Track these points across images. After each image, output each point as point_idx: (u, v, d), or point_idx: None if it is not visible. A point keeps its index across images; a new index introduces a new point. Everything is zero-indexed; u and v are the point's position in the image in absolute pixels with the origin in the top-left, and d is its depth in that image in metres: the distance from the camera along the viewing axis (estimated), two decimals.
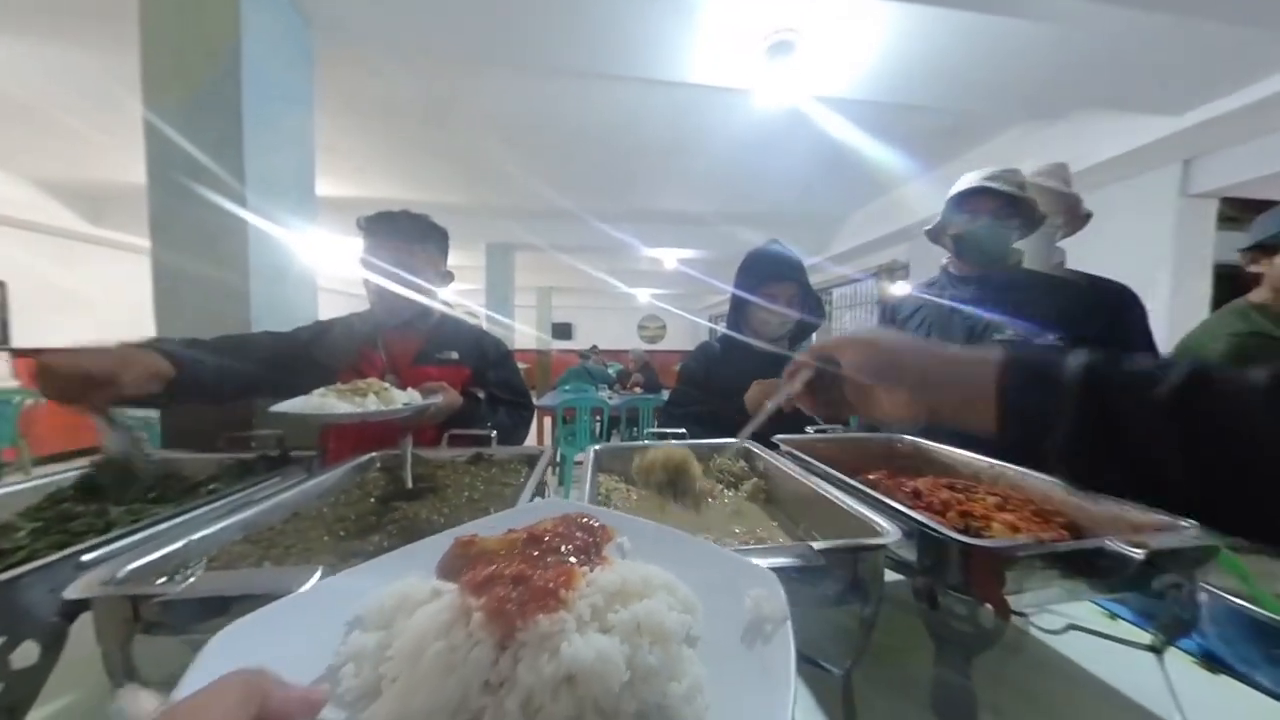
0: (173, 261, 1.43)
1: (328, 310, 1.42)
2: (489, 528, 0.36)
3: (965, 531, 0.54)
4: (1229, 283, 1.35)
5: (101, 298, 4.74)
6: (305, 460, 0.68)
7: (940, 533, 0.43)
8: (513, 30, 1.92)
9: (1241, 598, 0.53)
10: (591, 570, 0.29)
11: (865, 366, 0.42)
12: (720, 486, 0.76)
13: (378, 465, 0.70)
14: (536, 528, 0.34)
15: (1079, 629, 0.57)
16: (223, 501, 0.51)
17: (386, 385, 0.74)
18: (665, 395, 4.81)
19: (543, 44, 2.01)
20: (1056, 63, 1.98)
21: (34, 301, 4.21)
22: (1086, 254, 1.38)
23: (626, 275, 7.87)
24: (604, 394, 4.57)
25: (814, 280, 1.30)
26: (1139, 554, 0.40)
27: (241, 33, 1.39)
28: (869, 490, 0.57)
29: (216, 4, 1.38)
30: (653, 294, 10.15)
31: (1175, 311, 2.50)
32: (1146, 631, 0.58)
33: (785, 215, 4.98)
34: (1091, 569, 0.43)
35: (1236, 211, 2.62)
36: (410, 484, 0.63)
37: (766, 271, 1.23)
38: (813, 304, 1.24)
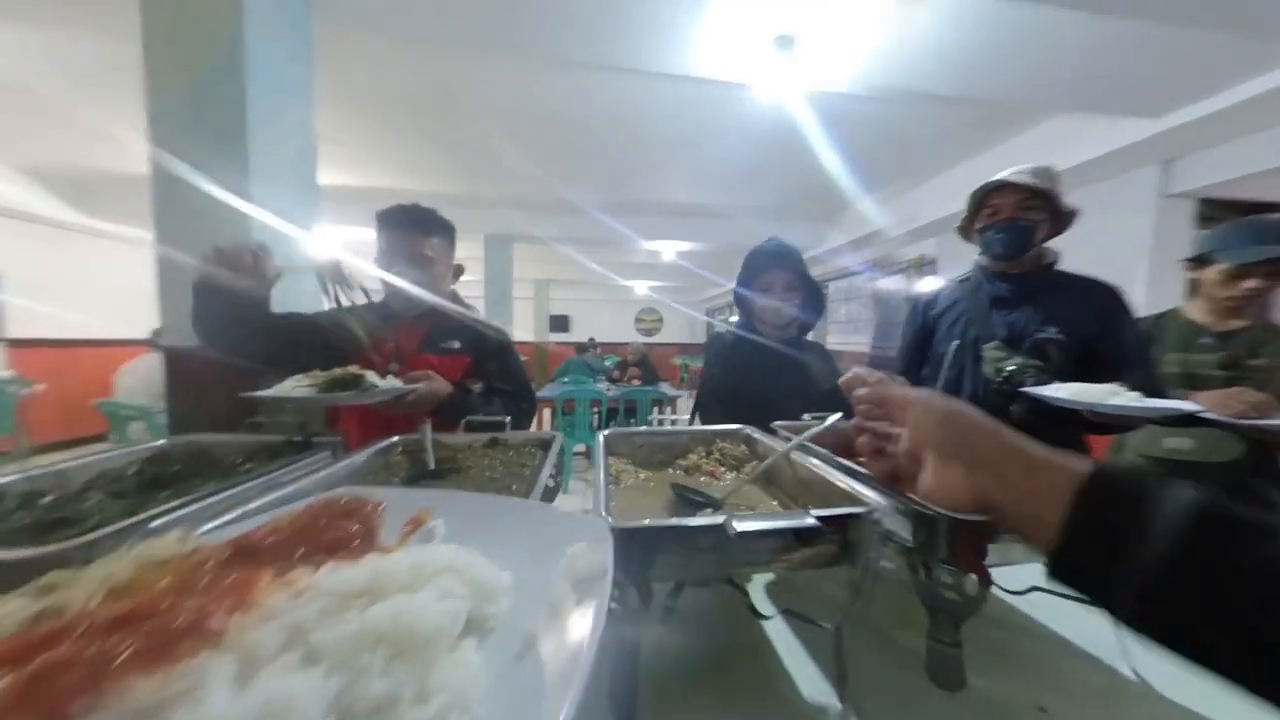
0: (176, 251, 1.44)
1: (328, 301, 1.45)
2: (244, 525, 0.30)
3: None
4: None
5: (92, 288, 4.70)
6: (329, 444, 0.72)
7: (928, 508, 0.47)
8: (516, 18, 1.92)
9: None
10: (336, 568, 0.23)
11: (932, 434, 0.39)
12: (723, 469, 0.81)
13: (400, 449, 0.74)
14: (247, 536, 0.26)
15: (1040, 590, 0.62)
16: (262, 479, 0.54)
17: (363, 373, 0.78)
18: (663, 388, 4.86)
19: (545, 33, 2.02)
20: (1045, 65, 2.01)
21: (26, 291, 4.16)
22: (1068, 250, 1.42)
23: (624, 268, 7.87)
24: (602, 386, 4.61)
25: (812, 273, 1.34)
26: None
27: (243, 21, 1.39)
28: (863, 470, 0.62)
29: None
30: (650, 286, 10.16)
31: (1152, 308, 2.58)
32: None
33: (784, 208, 5.00)
34: None
35: (1213, 211, 2.68)
36: (433, 465, 0.66)
37: (763, 263, 1.28)
38: (811, 291, 1.28)
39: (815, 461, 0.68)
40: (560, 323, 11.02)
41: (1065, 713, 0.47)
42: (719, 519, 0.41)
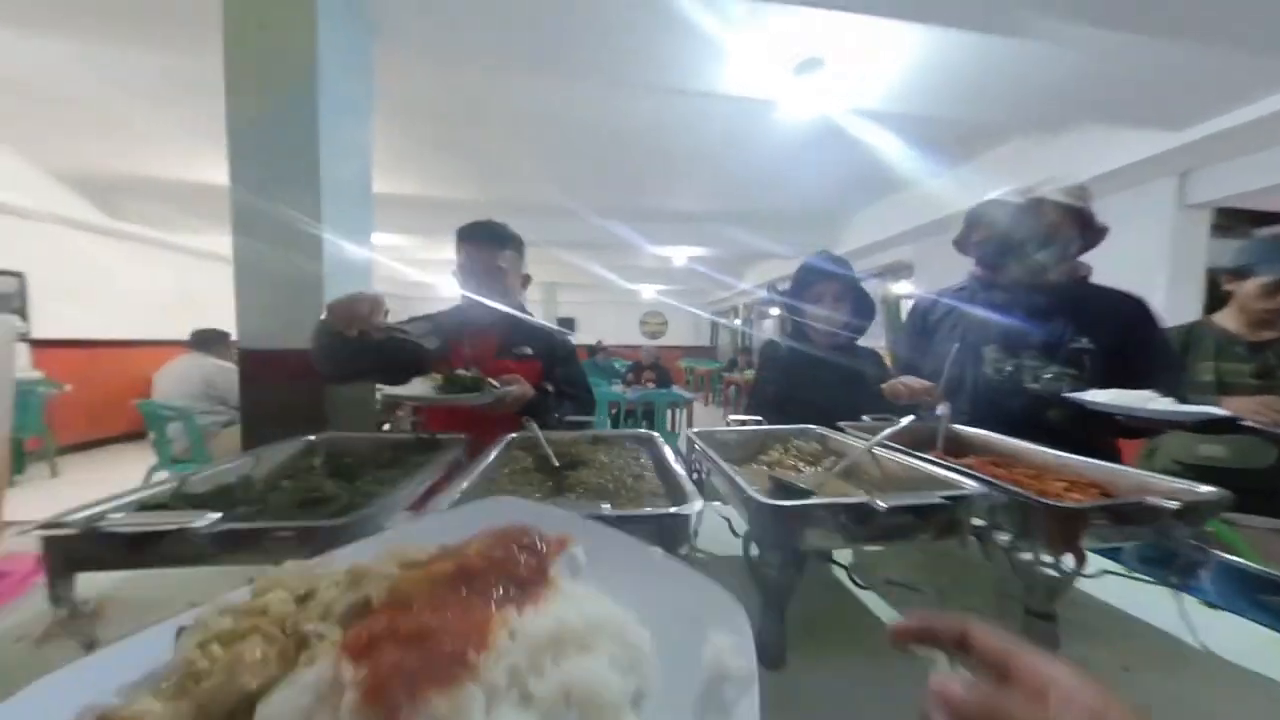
0: (253, 260, 1.51)
1: None
2: (426, 531, 0.34)
3: None
4: (1219, 286, 1.51)
5: (116, 290, 4.76)
6: (454, 441, 0.79)
7: (1030, 498, 0.55)
8: (557, 39, 2.01)
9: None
10: (522, 611, 0.24)
11: None
12: (801, 464, 0.88)
13: (516, 445, 0.81)
14: (468, 555, 0.28)
15: (1110, 573, 0.70)
16: (429, 470, 0.62)
17: (483, 376, 0.88)
18: (675, 390, 4.94)
19: (584, 53, 2.10)
20: (1063, 80, 2.11)
21: (51, 293, 4.22)
22: (1089, 260, 1.48)
23: (632, 271, 7.97)
24: (617, 388, 4.69)
25: None
26: (1173, 504, 0.53)
27: (319, 46, 1.47)
28: (952, 464, 0.70)
29: (296, 20, 1.46)
30: (657, 290, 10.26)
31: (1170, 314, 2.66)
32: (1159, 580, 0.71)
33: (793, 216, 5.11)
34: (1139, 520, 0.56)
35: (1228, 220, 2.78)
36: (555, 461, 0.74)
37: (814, 275, 1.36)
38: (861, 300, 1.36)
39: (900, 455, 0.76)
40: (566, 325, 11.10)
41: (1146, 672, 0.55)
42: (863, 498, 0.49)
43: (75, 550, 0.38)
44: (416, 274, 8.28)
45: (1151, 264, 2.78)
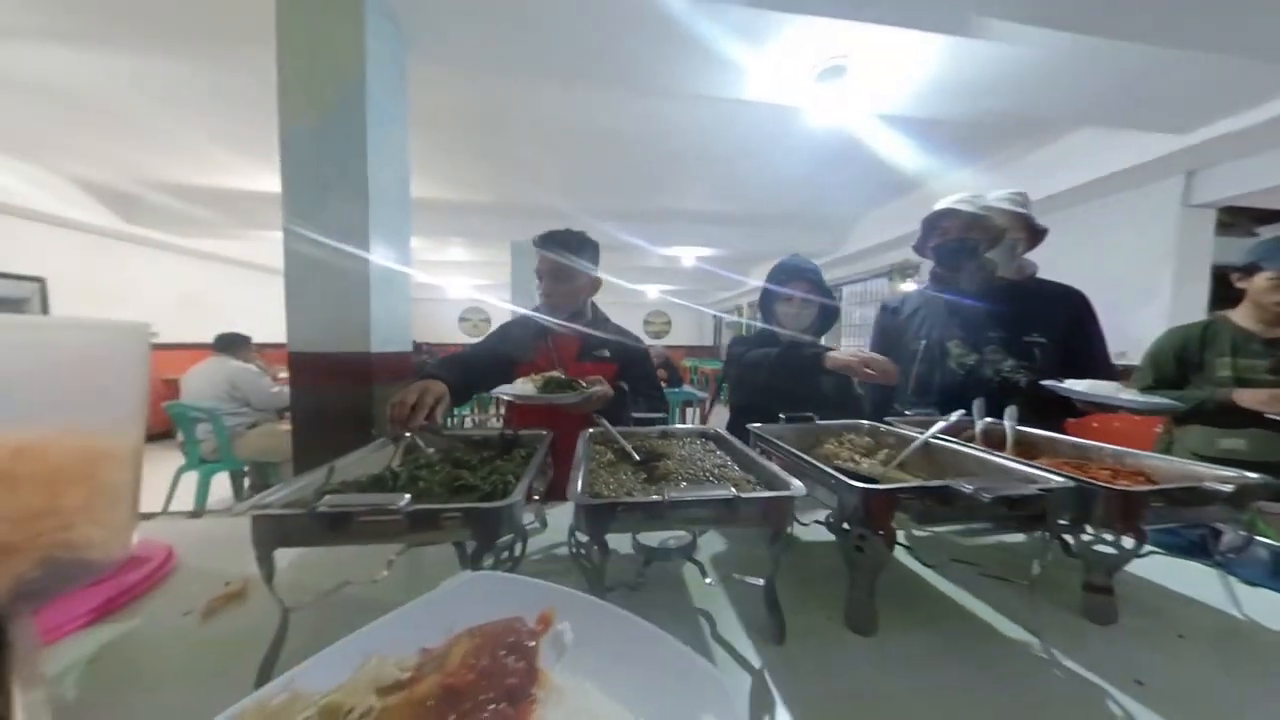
0: (303, 266, 1.56)
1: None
2: (402, 626, 0.31)
3: None
4: (1225, 281, 1.56)
5: (133, 293, 4.80)
6: (533, 437, 0.84)
7: (1097, 484, 0.60)
8: (579, 49, 2.05)
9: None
10: None
11: None
12: (856, 455, 0.94)
13: (594, 440, 0.86)
14: (452, 668, 0.25)
15: (1155, 552, 0.76)
16: (536, 462, 0.67)
17: (574, 378, 0.96)
18: (685, 389, 4.99)
19: (606, 61, 2.14)
20: (1072, 84, 2.17)
21: (71, 297, 4.26)
22: (1096, 259, 1.52)
23: (638, 272, 8.02)
24: None
25: (825, 278, 1.52)
26: (1229, 488, 0.59)
27: (367, 60, 1.52)
28: (1001, 455, 0.75)
29: (346, 37, 1.51)
30: (662, 290, 10.31)
31: (1175, 312, 2.73)
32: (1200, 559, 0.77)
33: (802, 217, 5.16)
34: (1192, 503, 0.61)
35: (1233, 217, 2.84)
36: (637, 457, 0.79)
37: (785, 275, 1.47)
38: (825, 295, 1.46)
39: (957, 445, 0.81)
40: None
41: (1198, 639, 0.60)
42: (948, 481, 0.55)
43: (281, 529, 0.43)
44: (423, 276, 8.33)
45: (1157, 263, 2.84)
